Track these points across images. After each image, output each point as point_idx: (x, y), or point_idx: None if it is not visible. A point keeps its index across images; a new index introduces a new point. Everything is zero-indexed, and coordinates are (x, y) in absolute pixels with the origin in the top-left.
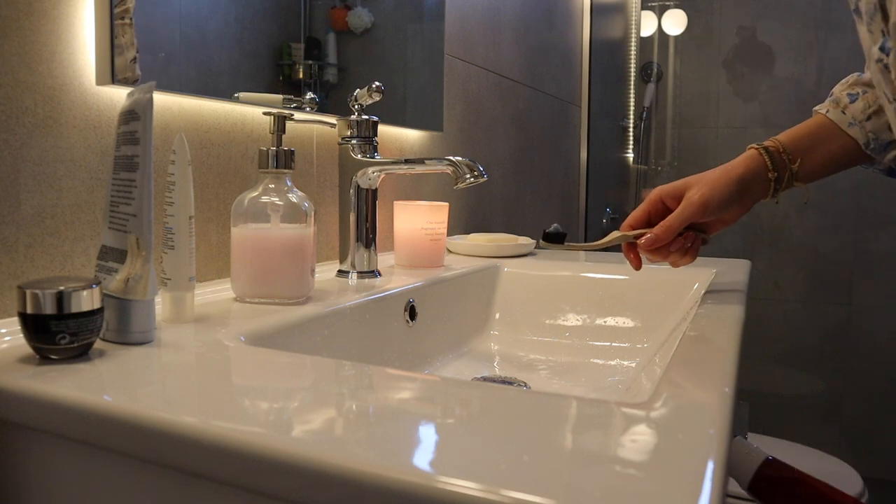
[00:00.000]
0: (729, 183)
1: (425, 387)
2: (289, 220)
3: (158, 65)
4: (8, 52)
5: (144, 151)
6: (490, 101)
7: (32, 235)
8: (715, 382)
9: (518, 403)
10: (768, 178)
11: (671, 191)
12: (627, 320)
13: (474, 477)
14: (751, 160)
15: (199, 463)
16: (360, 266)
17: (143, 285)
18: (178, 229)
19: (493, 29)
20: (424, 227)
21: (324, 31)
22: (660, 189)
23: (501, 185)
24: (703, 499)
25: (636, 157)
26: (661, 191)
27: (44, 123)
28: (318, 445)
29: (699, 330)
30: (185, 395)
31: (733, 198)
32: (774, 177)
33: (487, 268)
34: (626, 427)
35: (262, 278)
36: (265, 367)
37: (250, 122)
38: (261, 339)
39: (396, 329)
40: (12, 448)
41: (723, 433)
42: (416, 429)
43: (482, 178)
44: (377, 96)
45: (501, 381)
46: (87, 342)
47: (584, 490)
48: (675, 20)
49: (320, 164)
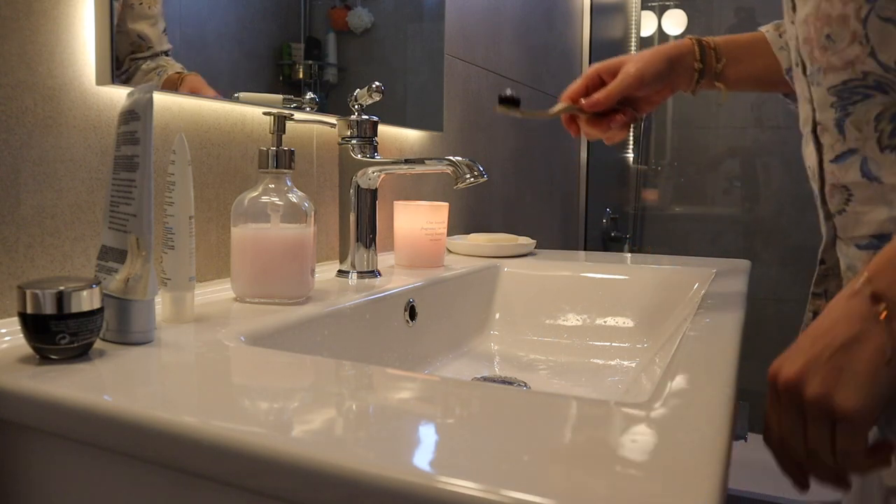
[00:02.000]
0: (661, 59)
1: (425, 387)
2: (289, 220)
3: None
4: (8, 52)
5: (144, 151)
6: (490, 101)
7: (32, 235)
8: (715, 383)
9: (518, 403)
10: (694, 67)
11: (608, 66)
12: (627, 320)
13: (474, 477)
14: (683, 45)
15: (199, 463)
16: (360, 266)
17: (143, 285)
18: (178, 229)
19: (493, 29)
20: (424, 227)
21: (324, 31)
22: (596, 65)
23: (501, 185)
24: (703, 499)
25: (636, 157)
26: (597, 67)
27: (44, 123)
28: (318, 445)
29: (699, 330)
30: (184, 395)
31: (663, 74)
32: (699, 68)
33: (487, 268)
34: (626, 427)
35: (262, 278)
36: (265, 367)
37: (250, 122)
38: (261, 339)
39: (396, 329)
40: (12, 448)
41: (723, 433)
42: (416, 429)
43: (482, 178)
44: (377, 96)
45: (501, 381)
46: (87, 342)
47: (585, 490)
48: (675, 20)
49: (320, 164)
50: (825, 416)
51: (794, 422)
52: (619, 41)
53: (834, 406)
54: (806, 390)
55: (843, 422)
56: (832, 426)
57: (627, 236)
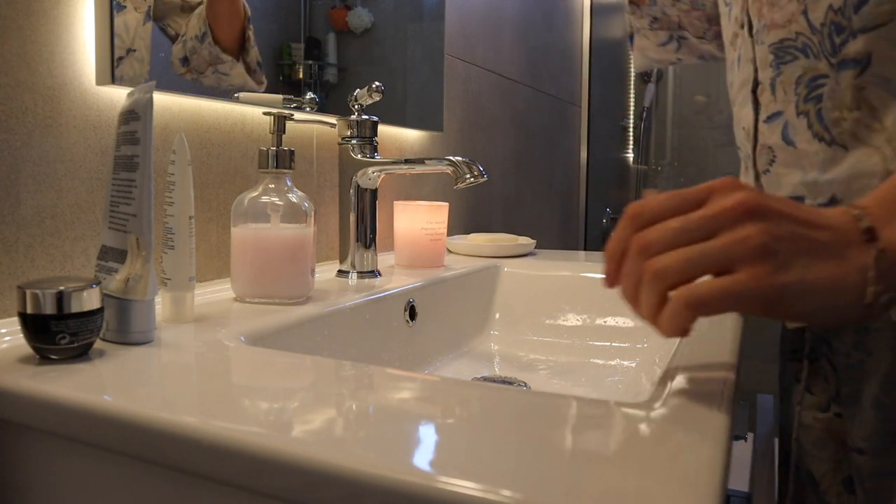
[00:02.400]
0: None
1: (425, 387)
2: (289, 220)
3: (159, 65)
4: (8, 52)
5: (144, 151)
6: (490, 101)
7: (32, 235)
8: (715, 382)
9: (518, 403)
10: None
11: None
12: (627, 320)
13: (474, 477)
14: None
15: (199, 463)
16: (360, 266)
17: (143, 285)
18: (178, 229)
19: (493, 29)
20: (424, 227)
21: (324, 31)
22: None
23: (501, 185)
24: (703, 499)
25: (636, 157)
26: None
27: (44, 123)
28: (318, 445)
29: (699, 330)
30: (184, 395)
31: None
32: None
33: (487, 268)
34: (626, 427)
35: (262, 278)
36: (265, 367)
37: (250, 122)
38: (261, 339)
39: (396, 329)
40: (12, 448)
41: (723, 433)
42: (416, 429)
43: (482, 178)
44: (377, 96)
45: (501, 381)
46: (87, 342)
47: (584, 490)
48: None
49: (320, 164)
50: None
51: (689, 230)
52: (619, 41)
53: (768, 273)
54: (748, 226)
55: (753, 289)
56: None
57: None
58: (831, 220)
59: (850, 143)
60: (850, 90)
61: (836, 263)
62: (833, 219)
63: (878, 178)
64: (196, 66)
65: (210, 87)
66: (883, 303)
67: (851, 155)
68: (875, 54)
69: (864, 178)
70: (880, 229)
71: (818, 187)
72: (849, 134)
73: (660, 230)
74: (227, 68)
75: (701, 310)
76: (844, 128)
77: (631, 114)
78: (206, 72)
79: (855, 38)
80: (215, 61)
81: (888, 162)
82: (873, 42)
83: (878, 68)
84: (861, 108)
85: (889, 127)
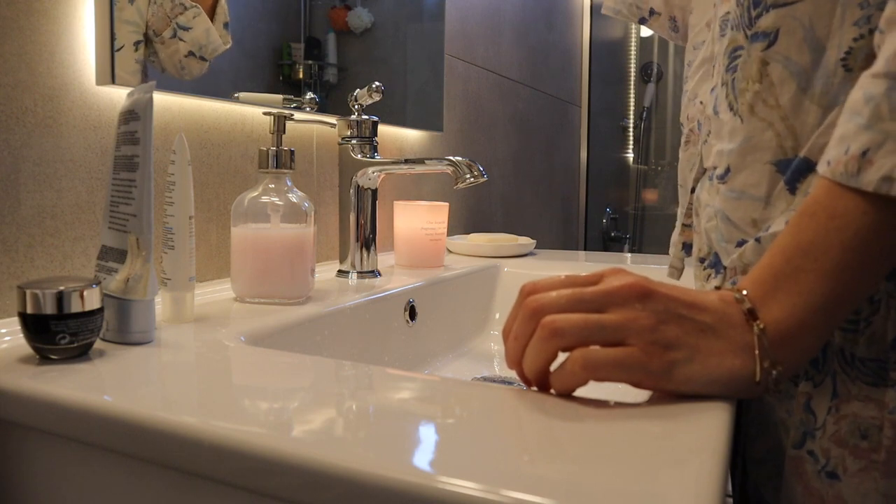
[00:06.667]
0: None
1: (425, 387)
2: (289, 220)
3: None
4: (8, 52)
5: (144, 151)
6: (490, 101)
7: (32, 235)
8: None
9: (518, 403)
10: None
11: None
12: None
13: (474, 477)
14: None
15: (199, 463)
16: (360, 266)
17: (143, 285)
18: (178, 229)
19: (493, 29)
20: (424, 227)
21: (324, 31)
22: None
23: (501, 185)
24: (703, 499)
25: (636, 157)
26: None
27: (44, 123)
28: (318, 445)
29: None
30: (184, 395)
31: None
32: None
33: (487, 268)
34: (627, 427)
35: (262, 278)
36: (265, 367)
37: (250, 122)
38: (261, 339)
39: (396, 329)
40: (12, 448)
41: (723, 433)
42: (416, 429)
43: (482, 178)
44: (377, 96)
45: (501, 381)
46: (87, 342)
47: (585, 490)
48: None
49: (320, 164)
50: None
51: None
52: (619, 41)
53: (658, 359)
54: (637, 306)
55: (644, 364)
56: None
57: (627, 236)
58: (715, 303)
59: (746, 116)
60: (756, 63)
61: (723, 343)
62: (716, 303)
63: (770, 154)
64: (154, 25)
65: (169, 55)
66: (774, 377)
67: (745, 127)
68: (782, 30)
69: (756, 152)
70: (759, 309)
71: (721, 157)
72: (747, 106)
73: (553, 296)
74: (189, 18)
75: (594, 374)
76: (746, 99)
77: (631, 114)
78: (163, 33)
79: (768, 12)
80: (176, 12)
81: (781, 139)
82: (782, 19)
83: (783, 45)
84: (762, 81)
85: (784, 105)
